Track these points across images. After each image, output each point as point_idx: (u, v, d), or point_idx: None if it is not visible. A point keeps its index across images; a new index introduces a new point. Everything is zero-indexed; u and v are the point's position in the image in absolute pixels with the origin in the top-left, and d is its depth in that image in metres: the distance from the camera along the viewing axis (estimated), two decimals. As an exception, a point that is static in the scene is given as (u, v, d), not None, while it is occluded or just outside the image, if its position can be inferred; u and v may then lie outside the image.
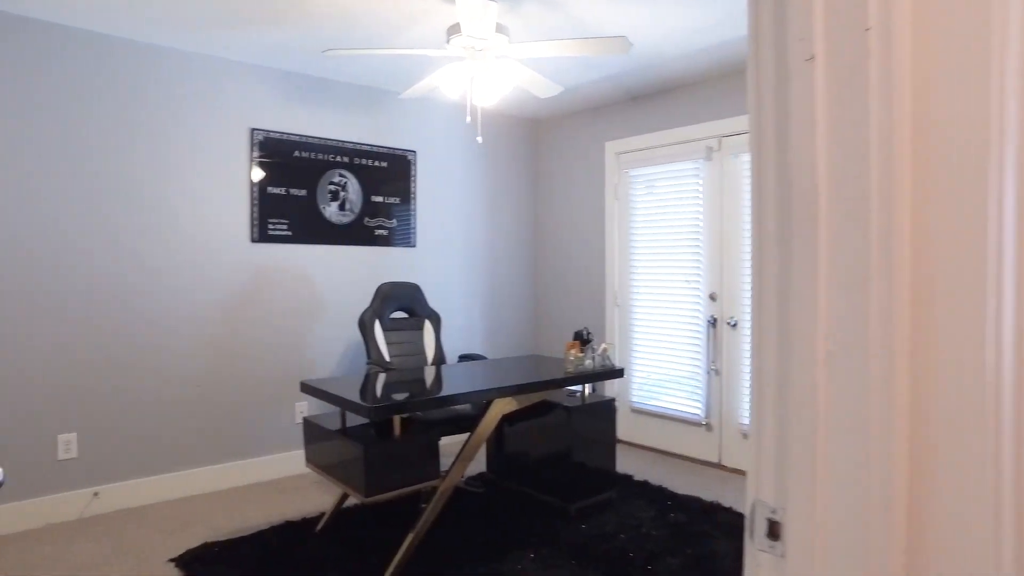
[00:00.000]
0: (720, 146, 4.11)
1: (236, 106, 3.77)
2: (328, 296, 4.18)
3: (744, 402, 4.03)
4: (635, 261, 4.64)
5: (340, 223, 4.22)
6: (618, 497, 3.55)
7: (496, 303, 5.11)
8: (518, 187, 5.25)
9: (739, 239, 4.02)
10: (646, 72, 4.02)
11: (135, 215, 3.45)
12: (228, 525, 3.20)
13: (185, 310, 3.61)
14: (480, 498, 3.54)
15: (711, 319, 4.18)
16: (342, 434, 2.77)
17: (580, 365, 3.27)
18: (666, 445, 4.50)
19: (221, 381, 3.75)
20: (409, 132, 4.55)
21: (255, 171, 3.85)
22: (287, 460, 4.00)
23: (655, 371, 4.54)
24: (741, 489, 3.74)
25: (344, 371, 4.25)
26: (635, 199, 4.64)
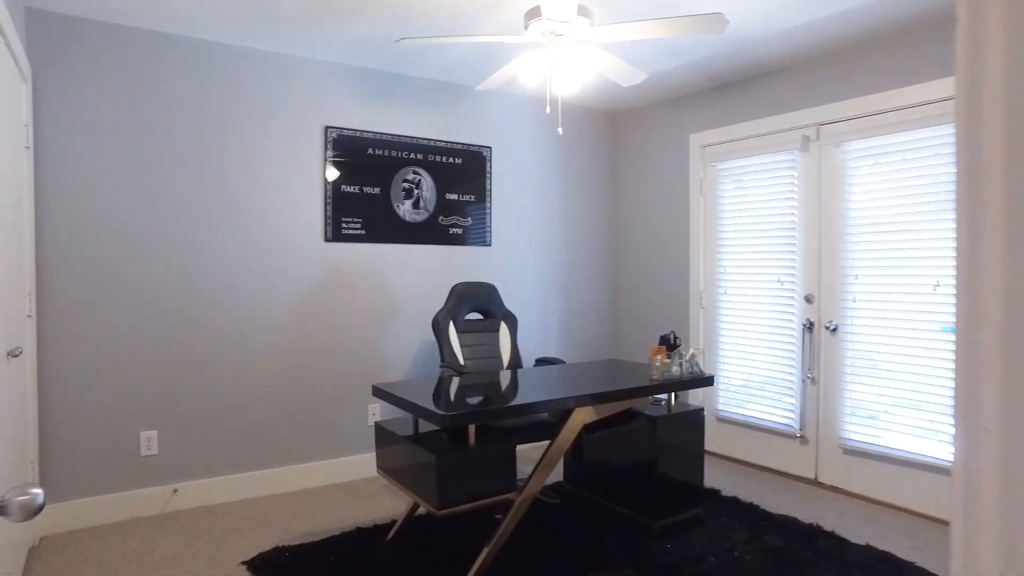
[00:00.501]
0: (819, 135, 3.77)
1: (310, 104, 3.75)
2: (401, 296, 4.10)
3: (845, 414, 3.68)
4: (723, 260, 4.34)
5: (414, 221, 4.14)
6: (706, 514, 3.29)
7: (573, 304, 4.91)
8: (597, 183, 5.04)
9: (841, 236, 3.67)
10: (734, 56, 3.73)
11: (215, 216, 3.47)
12: (300, 528, 3.16)
13: (260, 310, 3.61)
14: (557, 509, 3.36)
15: (807, 323, 3.84)
16: (414, 441, 2.66)
17: (667, 372, 3.04)
18: (755, 457, 4.18)
19: (295, 381, 3.73)
20: (484, 128, 4.42)
21: (329, 169, 3.82)
22: (360, 463, 3.95)
23: (744, 377, 4.23)
24: (843, 510, 3.40)
25: (417, 373, 4.17)
26: (723, 194, 4.35)
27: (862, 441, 3.60)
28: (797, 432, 3.91)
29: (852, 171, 3.61)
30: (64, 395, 3.11)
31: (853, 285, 3.62)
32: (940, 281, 3.25)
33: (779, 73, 3.96)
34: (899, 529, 3.17)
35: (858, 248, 3.59)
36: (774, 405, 4.05)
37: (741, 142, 4.19)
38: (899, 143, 3.39)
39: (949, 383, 3.22)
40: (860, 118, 3.56)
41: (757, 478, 3.96)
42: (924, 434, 3.33)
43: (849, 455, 3.67)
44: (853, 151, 3.60)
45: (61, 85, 3.10)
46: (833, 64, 3.68)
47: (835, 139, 3.66)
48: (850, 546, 2.94)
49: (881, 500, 3.52)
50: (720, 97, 4.32)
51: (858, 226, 3.59)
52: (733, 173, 4.27)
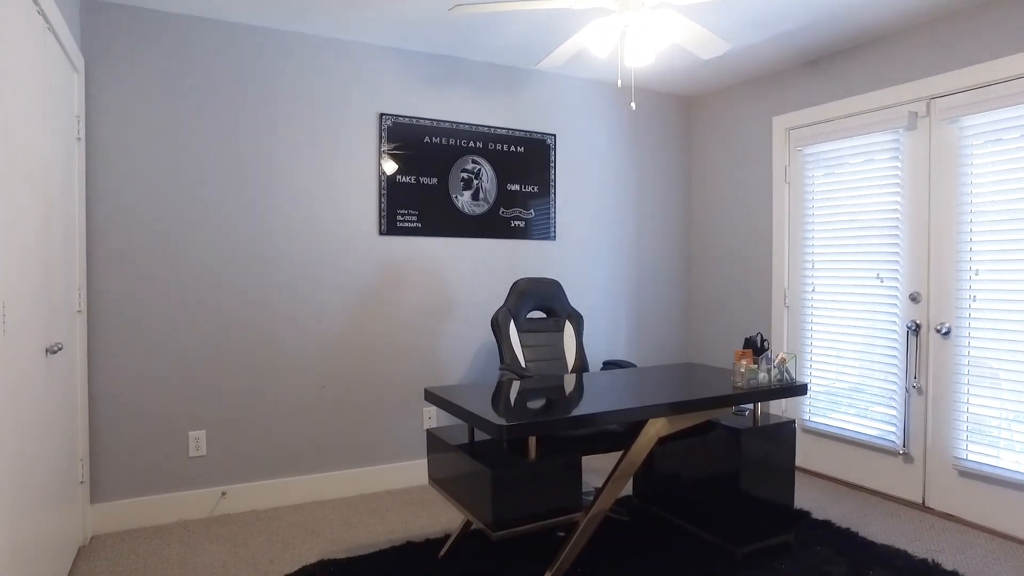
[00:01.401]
0: (929, 110, 3.30)
1: (362, 91, 3.57)
2: (459, 293, 3.87)
3: (960, 430, 3.20)
4: (810, 255, 3.91)
5: (473, 214, 3.90)
6: (796, 541, 2.91)
7: (643, 303, 4.57)
8: (669, 173, 4.67)
9: (956, 226, 3.20)
10: (830, 25, 3.32)
11: (264, 208, 3.33)
12: (348, 539, 2.97)
13: (312, 307, 3.46)
14: (625, 527, 3.05)
15: (912, 325, 3.38)
16: (468, 452, 2.41)
17: (752, 379, 2.68)
18: (847, 475, 3.73)
19: (347, 381, 3.56)
20: (547, 114, 4.14)
21: (384, 158, 3.63)
22: (414, 469, 3.74)
23: (835, 385, 3.78)
24: (962, 544, 2.94)
25: (476, 374, 3.93)
26: (811, 181, 3.91)
27: (982, 463, 3.11)
28: (900, 448, 3.45)
29: (971, 150, 3.14)
30: (113, 392, 3.03)
31: (972, 282, 3.15)
32: (1085, 277, 2.75)
33: (880, 42, 3.51)
34: (1032, 568, 2.70)
35: (979, 240, 3.12)
36: (871, 416, 3.60)
37: (833, 123, 3.75)
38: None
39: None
40: (981, 87, 3.08)
41: (851, 499, 3.52)
42: (1062, 457, 2.84)
43: (966, 478, 3.19)
44: (972, 127, 3.13)
45: (113, 75, 3.01)
46: (948, 26, 3.21)
47: (950, 114, 3.19)
48: (976, 588, 2.50)
49: (1007, 533, 3.03)
50: (809, 74, 3.89)
51: (979, 214, 3.12)
52: (823, 158, 3.83)
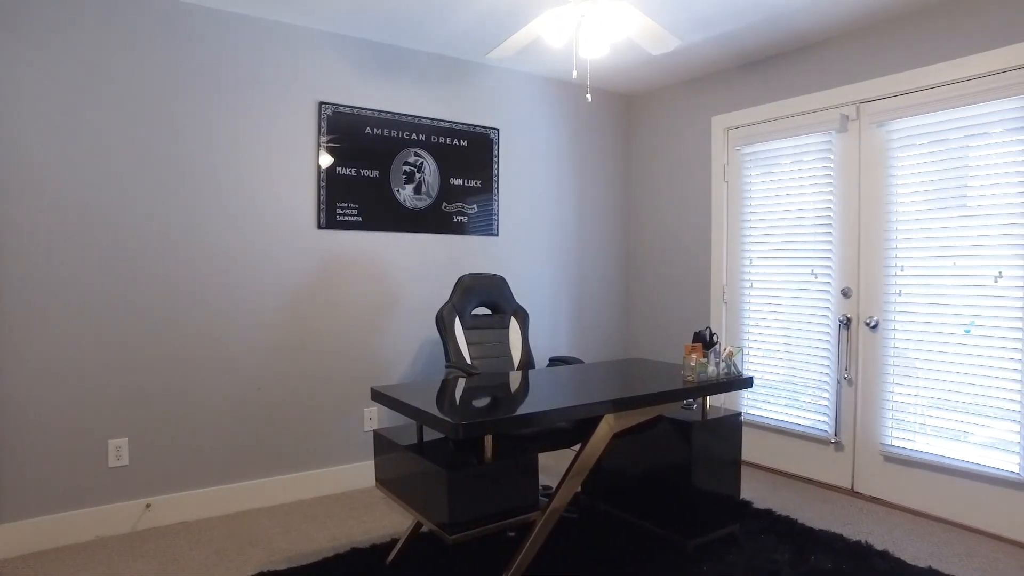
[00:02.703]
0: (859, 114, 3.45)
1: (302, 77, 3.39)
2: (402, 289, 3.75)
3: (886, 418, 3.36)
4: (748, 251, 4.02)
5: (415, 208, 3.79)
6: (742, 531, 2.97)
7: (585, 299, 4.58)
8: (610, 170, 4.70)
9: (884, 224, 3.35)
10: (769, 28, 3.41)
11: (189, 198, 3.11)
12: (288, 548, 2.81)
13: (244, 304, 3.26)
14: (575, 525, 3.03)
15: (844, 319, 3.52)
16: (419, 452, 2.31)
17: (703, 372, 2.71)
18: (784, 465, 3.86)
19: (284, 382, 3.38)
20: (491, 108, 4.08)
21: (323, 149, 3.46)
22: (356, 472, 3.60)
23: (771, 378, 3.90)
24: (890, 525, 3.08)
25: (419, 373, 3.82)
26: (748, 180, 4.02)
27: (903, 447, 3.28)
28: (832, 437, 3.59)
29: (896, 152, 3.30)
30: (20, 401, 2.74)
31: (898, 278, 3.30)
32: (1003, 271, 2.93)
33: (816, 47, 3.64)
34: (956, 547, 2.86)
35: (903, 238, 3.28)
36: (805, 408, 3.73)
37: (770, 124, 3.87)
38: (953, 120, 3.07)
39: (1004, 384, 2.90)
40: (906, 94, 3.24)
41: (788, 487, 3.64)
42: (961, 437, 3.02)
43: (890, 462, 3.35)
44: (898, 131, 3.28)
45: (17, 53, 2.72)
46: (878, 34, 3.36)
47: (877, 118, 3.34)
48: (909, 568, 2.62)
49: (928, 513, 3.21)
50: (747, 75, 3.99)
51: (903, 213, 3.27)
52: (760, 158, 3.95)
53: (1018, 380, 2.89)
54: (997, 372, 2.95)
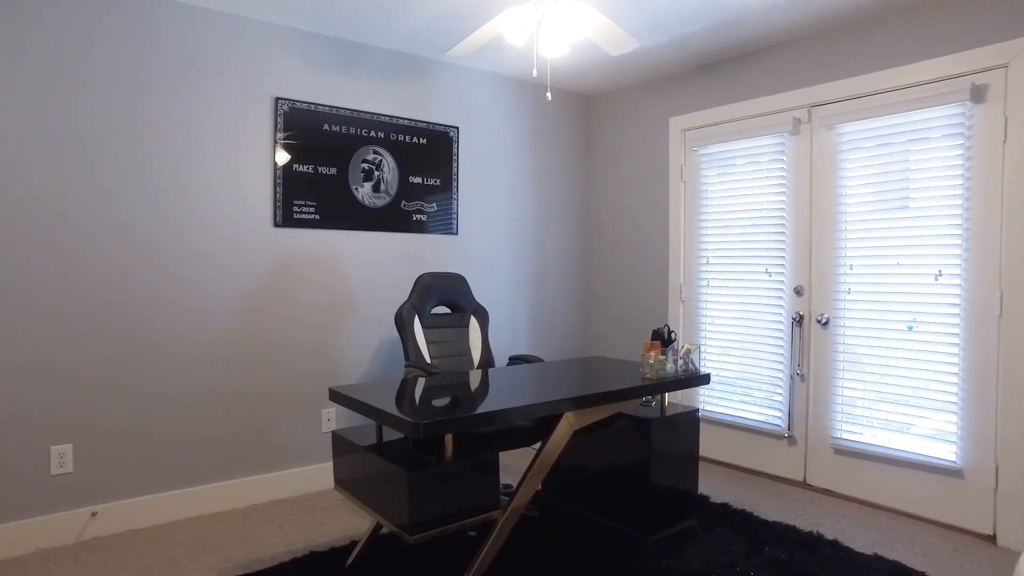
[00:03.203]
0: (810, 117, 3.55)
1: (258, 72, 3.31)
2: (361, 287, 3.70)
3: (836, 413, 3.47)
4: (705, 251, 4.09)
5: (374, 206, 3.74)
6: (700, 525, 3.02)
7: (544, 298, 4.59)
8: (570, 169, 4.73)
9: (834, 224, 3.46)
10: (724, 32, 3.48)
11: (141, 195, 3.00)
12: (243, 554, 2.74)
13: (197, 303, 3.16)
14: (536, 524, 3.04)
15: (796, 316, 3.62)
16: (378, 453, 2.28)
17: (661, 370, 2.75)
18: (739, 459, 3.95)
19: (238, 384, 3.29)
20: (451, 106, 4.06)
21: (279, 146, 3.39)
22: (313, 474, 3.53)
23: (727, 375, 3.99)
24: (839, 515, 3.18)
25: (378, 373, 3.78)
26: (705, 181, 4.10)
27: (852, 440, 3.39)
28: (785, 432, 3.69)
29: (845, 155, 3.40)
30: (-45, 404, 2.61)
31: (847, 276, 3.41)
32: (942, 270, 3.06)
33: (770, 51, 3.73)
34: (899, 534, 2.97)
35: (852, 237, 3.39)
36: (759, 404, 3.83)
37: (726, 125, 3.95)
38: (897, 124, 3.19)
39: (943, 378, 3.03)
40: (856, 99, 3.35)
41: (744, 482, 3.72)
42: (905, 429, 3.14)
43: (839, 455, 3.46)
44: (847, 134, 3.39)
45: (-50, 34, 2.59)
46: (829, 41, 3.46)
47: (827, 121, 3.44)
48: (857, 556, 2.71)
49: (874, 502, 3.32)
50: (703, 78, 4.07)
51: (852, 213, 3.39)
52: (716, 158, 4.03)
53: (955, 374, 3.02)
54: (937, 367, 3.08)
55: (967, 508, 3.00)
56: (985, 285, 2.93)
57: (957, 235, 3.01)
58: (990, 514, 2.93)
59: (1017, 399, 2.83)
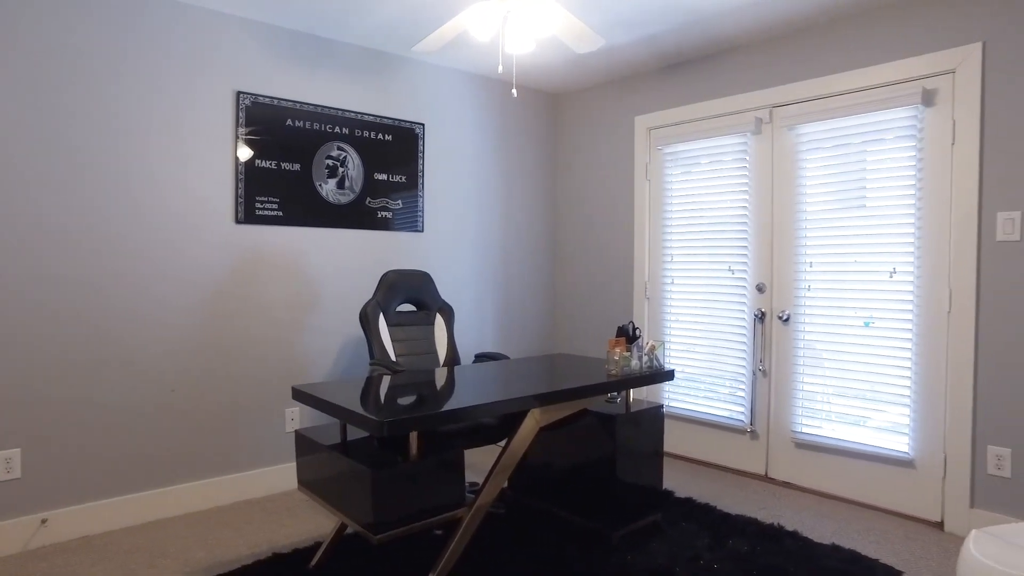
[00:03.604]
0: (772, 117, 3.62)
1: (220, 65, 3.24)
2: (324, 285, 3.65)
3: (797, 407, 3.55)
4: (670, 248, 4.14)
5: (338, 203, 3.69)
6: (665, 520, 3.06)
7: (511, 296, 4.60)
8: (536, 167, 4.74)
9: (795, 223, 3.53)
10: (690, 31, 3.52)
11: (91, 189, 2.91)
12: (204, 558, 2.68)
13: (156, 301, 3.08)
14: (503, 521, 3.04)
15: (758, 313, 3.69)
16: (342, 452, 2.26)
17: (626, 366, 2.77)
18: (703, 454, 4.01)
19: (200, 383, 3.22)
20: (416, 103, 4.02)
21: (241, 141, 3.32)
22: (277, 475, 3.47)
23: (691, 371, 4.04)
24: (799, 507, 3.26)
25: (343, 372, 3.73)
26: (670, 179, 4.14)
27: (812, 434, 3.47)
28: (747, 427, 3.75)
29: (806, 155, 3.48)
30: None
31: (807, 273, 3.49)
32: (896, 268, 3.15)
33: (732, 52, 3.79)
34: (857, 524, 3.05)
35: (812, 235, 3.46)
36: (723, 399, 3.89)
37: (690, 124, 4.00)
38: (854, 126, 3.27)
39: (897, 372, 3.12)
40: (814, 100, 3.43)
41: (708, 476, 3.78)
42: (861, 422, 3.23)
43: (800, 448, 3.54)
44: (806, 134, 3.47)
45: None
46: (790, 43, 3.54)
47: (788, 122, 3.51)
48: (816, 547, 2.77)
49: (833, 494, 3.41)
50: (668, 77, 4.11)
51: (811, 212, 3.46)
52: (681, 157, 4.08)
53: (908, 368, 3.12)
54: (892, 361, 3.17)
55: (918, 497, 3.10)
56: (936, 283, 3.03)
57: (910, 234, 3.10)
58: (939, 502, 3.04)
59: (963, 392, 2.93)
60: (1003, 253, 2.83)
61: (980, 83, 2.87)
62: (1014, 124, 2.79)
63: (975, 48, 2.88)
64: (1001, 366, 2.84)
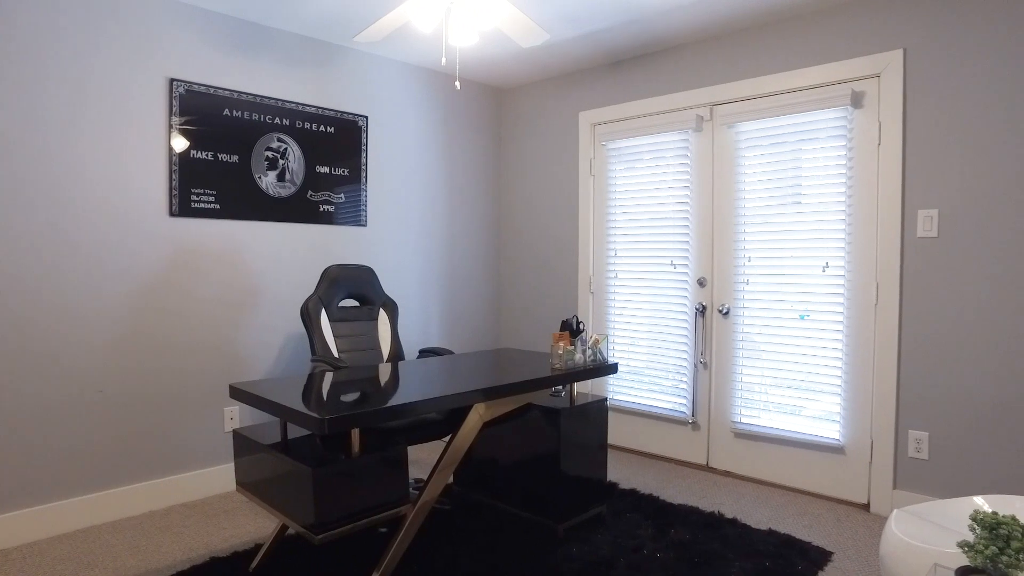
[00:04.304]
0: (712, 115, 3.70)
1: (149, 49, 3.10)
2: (264, 280, 3.55)
3: (736, 398, 3.66)
4: (613, 243, 4.20)
5: (279, 196, 3.59)
6: (609, 511, 3.10)
7: (455, 291, 4.57)
8: (481, 163, 4.72)
9: (732, 219, 3.63)
10: (634, 29, 3.57)
11: (20, 181, 2.75)
12: (136, 565, 2.57)
13: (83, 297, 2.93)
14: (448, 517, 3.02)
15: (700, 306, 3.78)
16: (282, 451, 2.20)
17: (570, 359, 2.79)
18: (648, 447, 4.09)
19: (131, 384, 3.08)
20: (360, 95, 3.95)
21: (175, 130, 3.19)
22: (214, 476, 3.37)
23: (635, 364, 4.12)
24: (738, 495, 3.36)
25: (283, 369, 3.64)
26: (613, 175, 4.20)
27: (750, 424, 3.59)
28: (689, 418, 3.85)
29: (744, 152, 3.58)
30: None
31: (746, 268, 3.60)
32: (829, 262, 3.28)
33: (676, 50, 3.86)
34: (792, 509, 3.17)
35: (750, 231, 3.57)
36: (665, 392, 3.97)
37: (633, 121, 4.06)
38: (790, 125, 3.38)
39: (830, 363, 3.26)
40: (753, 99, 3.53)
41: (651, 467, 3.86)
42: (797, 411, 3.36)
43: (739, 438, 3.65)
44: (745, 132, 3.57)
45: None
46: (729, 43, 3.62)
47: (727, 119, 3.61)
48: (754, 532, 2.86)
49: (770, 481, 3.53)
50: (613, 74, 4.16)
51: (750, 208, 3.57)
52: (624, 153, 4.13)
53: (840, 359, 3.25)
54: (825, 352, 3.30)
55: (847, 481, 3.24)
56: (864, 277, 3.17)
57: (841, 230, 3.23)
58: (865, 485, 3.19)
59: (887, 381, 3.08)
60: (923, 248, 2.98)
61: (902, 88, 3.01)
62: (932, 127, 2.94)
63: (897, 55, 3.02)
64: (920, 355, 3.00)
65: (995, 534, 1.36)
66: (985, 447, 2.84)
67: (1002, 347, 2.79)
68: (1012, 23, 2.73)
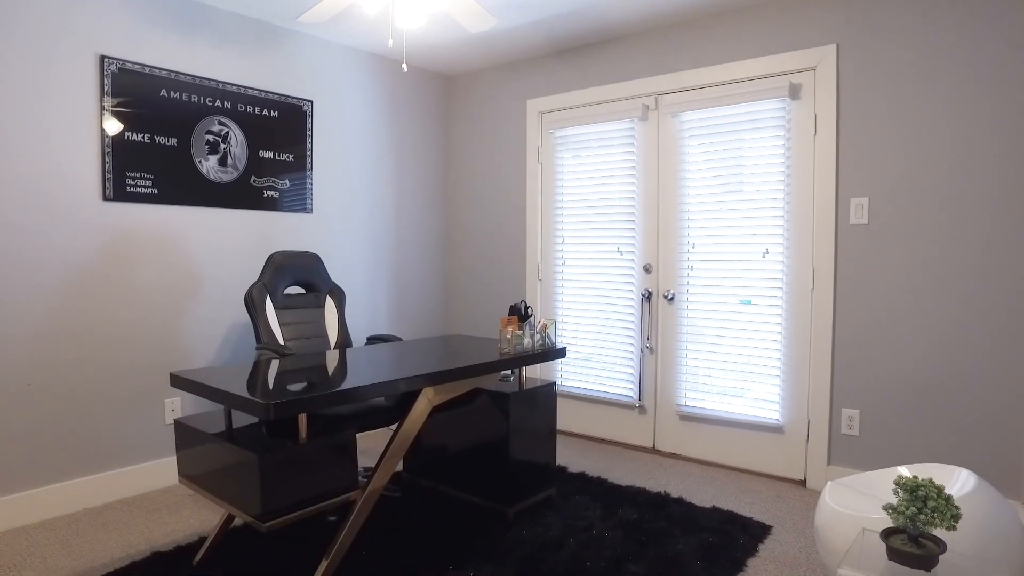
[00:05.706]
0: (657, 104, 3.77)
1: (77, 24, 2.95)
2: (206, 268, 3.45)
3: (681, 382, 3.76)
4: (561, 231, 4.24)
5: (221, 181, 3.49)
6: (558, 494, 3.15)
7: (403, 278, 4.54)
8: (429, 150, 4.69)
9: (677, 206, 3.71)
10: (582, 16, 3.60)
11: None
12: (69, 565, 2.47)
13: (9, 287, 2.79)
14: (398, 503, 3.01)
15: (646, 293, 3.86)
16: (227, 439, 2.15)
17: (518, 344, 2.82)
18: (595, 431, 4.16)
19: (62, 376, 2.95)
20: (305, 78, 3.86)
21: (107, 111, 3.05)
22: (155, 470, 3.26)
23: (583, 350, 4.17)
24: (684, 476, 3.46)
25: (227, 358, 3.55)
26: (561, 163, 4.23)
27: (695, 406, 3.69)
28: (636, 402, 3.93)
29: (688, 141, 3.66)
30: None
31: (690, 254, 3.69)
32: (769, 248, 3.39)
33: (622, 39, 3.91)
34: (734, 487, 3.28)
35: (695, 218, 3.66)
36: (613, 377, 4.05)
37: (581, 109, 4.10)
38: (732, 115, 3.47)
39: (770, 347, 3.39)
40: (696, 89, 3.61)
41: (599, 451, 3.93)
42: (740, 394, 3.49)
43: (684, 420, 3.75)
44: (688, 122, 3.65)
45: None
46: (673, 33, 3.69)
47: (671, 109, 3.68)
48: (699, 510, 2.96)
49: (714, 461, 3.65)
50: (560, 62, 4.19)
51: (694, 195, 3.65)
52: (572, 141, 4.17)
53: (779, 342, 3.38)
54: (765, 336, 3.42)
55: (786, 460, 3.38)
56: (802, 263, 3.29)
57: (780, 217, 3.35)
58: (802, 462, 3.33)
59: (823, 362, 3.22)
60: (855, 235, 3.12)
61: (836, 81, 3.14)
62: (864, 119, 3.07)
63: (831, 49, 3.14)
64: (853, 337, 3.14)
65: (915, 496, 1.45)
66: (911, 423, 3.00)
67: (929, 329, 2.95)
68: (941, 19, 2.87)
